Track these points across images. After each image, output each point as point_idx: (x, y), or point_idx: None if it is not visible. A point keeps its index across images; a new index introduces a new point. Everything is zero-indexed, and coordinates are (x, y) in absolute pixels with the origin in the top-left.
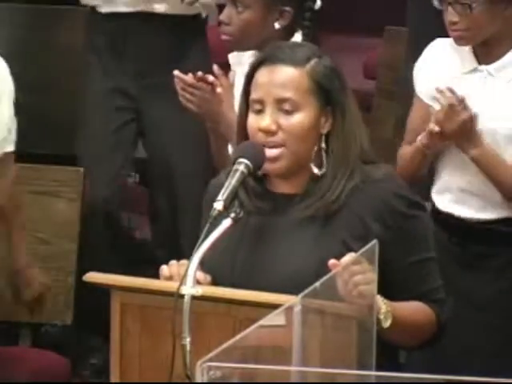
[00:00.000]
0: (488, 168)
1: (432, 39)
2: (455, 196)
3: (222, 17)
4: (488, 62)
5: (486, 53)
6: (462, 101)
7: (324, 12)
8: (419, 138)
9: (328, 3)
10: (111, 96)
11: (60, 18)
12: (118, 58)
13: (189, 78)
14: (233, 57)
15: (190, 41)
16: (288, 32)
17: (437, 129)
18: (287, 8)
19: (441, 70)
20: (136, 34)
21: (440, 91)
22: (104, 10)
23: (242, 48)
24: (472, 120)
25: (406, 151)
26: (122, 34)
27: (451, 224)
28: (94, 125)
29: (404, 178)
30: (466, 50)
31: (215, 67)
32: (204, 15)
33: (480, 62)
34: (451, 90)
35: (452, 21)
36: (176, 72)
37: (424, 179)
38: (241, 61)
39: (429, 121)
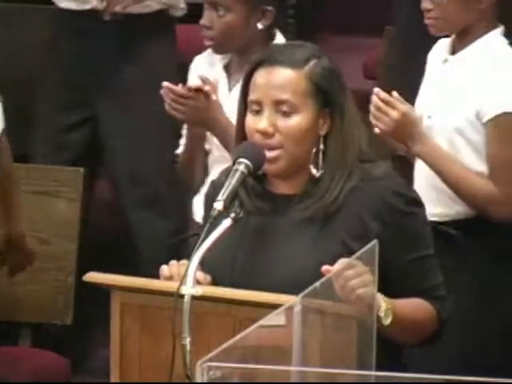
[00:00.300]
0: (432, 164)
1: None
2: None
3: (203, 21)
4: (456, 53)
5: (457, 44)
6: (387, 102)
7: (324, 12)
8: None
9: (328, 4)
10: (65, 95)
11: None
12: (77, 55)
13: (179, 88)
14: (204, 57)
15: (148, 39)
16: (270, 31)
17: (377, 130)
18: (269, 7)
19: (432, 60)
20: (93, 32)
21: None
22: (62, 5)
23: (225, 51)
24: (405, 117)
25: None
26: (81, 32)
27: None
28: (46, 123)
29: None
30: (448, 40)
31: (199, 74)
32: (177, 14)
33: (452, 53)
34: (377, 93)
35: (426, 8)
36: (165, 83)
37: None
38: (214, 62)
39: None
